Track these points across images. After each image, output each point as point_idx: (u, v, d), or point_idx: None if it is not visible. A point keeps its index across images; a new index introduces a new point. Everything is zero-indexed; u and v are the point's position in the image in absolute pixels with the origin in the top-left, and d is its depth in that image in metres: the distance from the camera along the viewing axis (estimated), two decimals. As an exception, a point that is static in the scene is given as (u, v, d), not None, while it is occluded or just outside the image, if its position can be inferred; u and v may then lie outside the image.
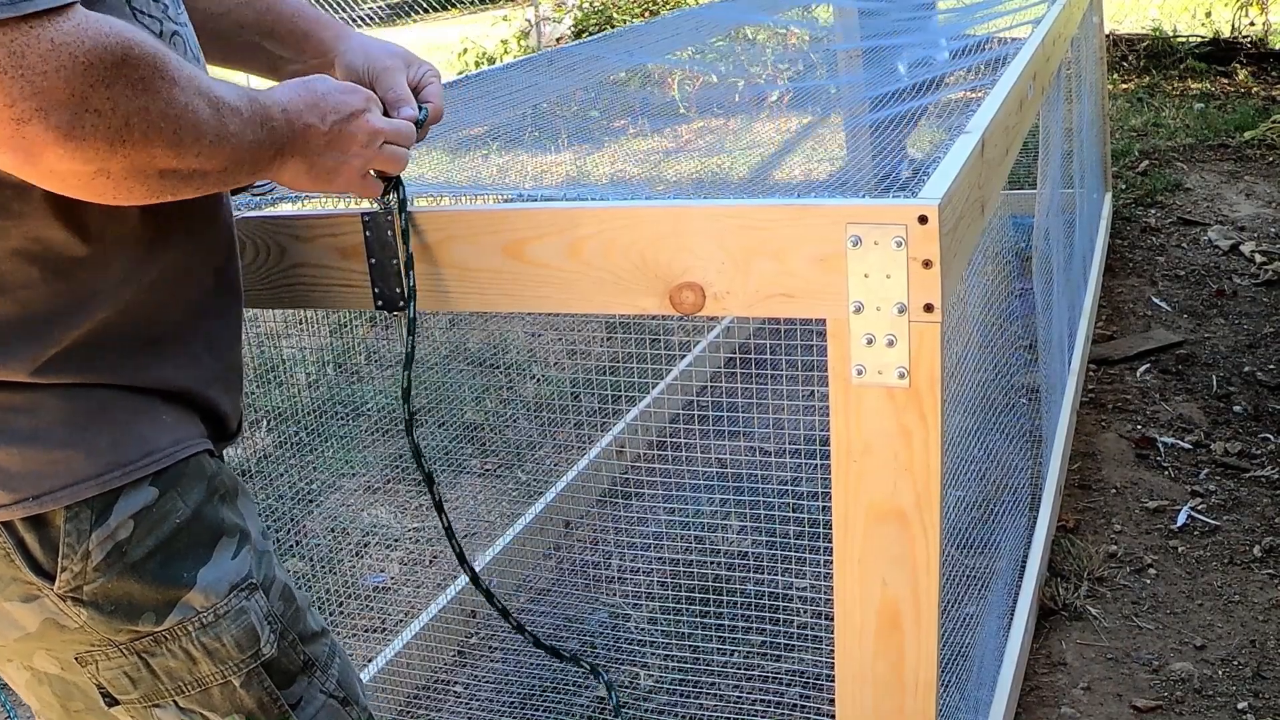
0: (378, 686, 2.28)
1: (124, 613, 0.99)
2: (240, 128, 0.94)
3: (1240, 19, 7.98)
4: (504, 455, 3.33)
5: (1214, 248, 4.55)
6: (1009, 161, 1.61)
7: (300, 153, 1.03)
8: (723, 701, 2.26)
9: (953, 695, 1.76)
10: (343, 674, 1.15)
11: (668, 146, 2.84)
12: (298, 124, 1.02)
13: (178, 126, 0.86)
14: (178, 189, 0.91)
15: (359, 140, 1.08)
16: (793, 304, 1.10)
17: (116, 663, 1.02)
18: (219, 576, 1.03)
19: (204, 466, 1.04)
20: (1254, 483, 2.92)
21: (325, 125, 1.05)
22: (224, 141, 0.91)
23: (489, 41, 10.16)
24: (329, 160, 1.07)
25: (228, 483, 1.07)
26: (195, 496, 1.02)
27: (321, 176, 1.07)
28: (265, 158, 0.99)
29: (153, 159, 0.86)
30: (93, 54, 0.79)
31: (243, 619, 1.04)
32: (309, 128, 1.03)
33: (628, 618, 2.54)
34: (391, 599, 2.72)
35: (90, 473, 0.97)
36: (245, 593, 1.04)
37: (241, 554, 1.05)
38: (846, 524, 1.12)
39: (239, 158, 0.95)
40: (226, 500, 1.06)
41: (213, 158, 0.91)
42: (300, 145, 1.03)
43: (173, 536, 1.00)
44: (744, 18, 3.60)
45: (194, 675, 1.03)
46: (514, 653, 2.47)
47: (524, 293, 1.19)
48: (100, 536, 0.97)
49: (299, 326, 4.10)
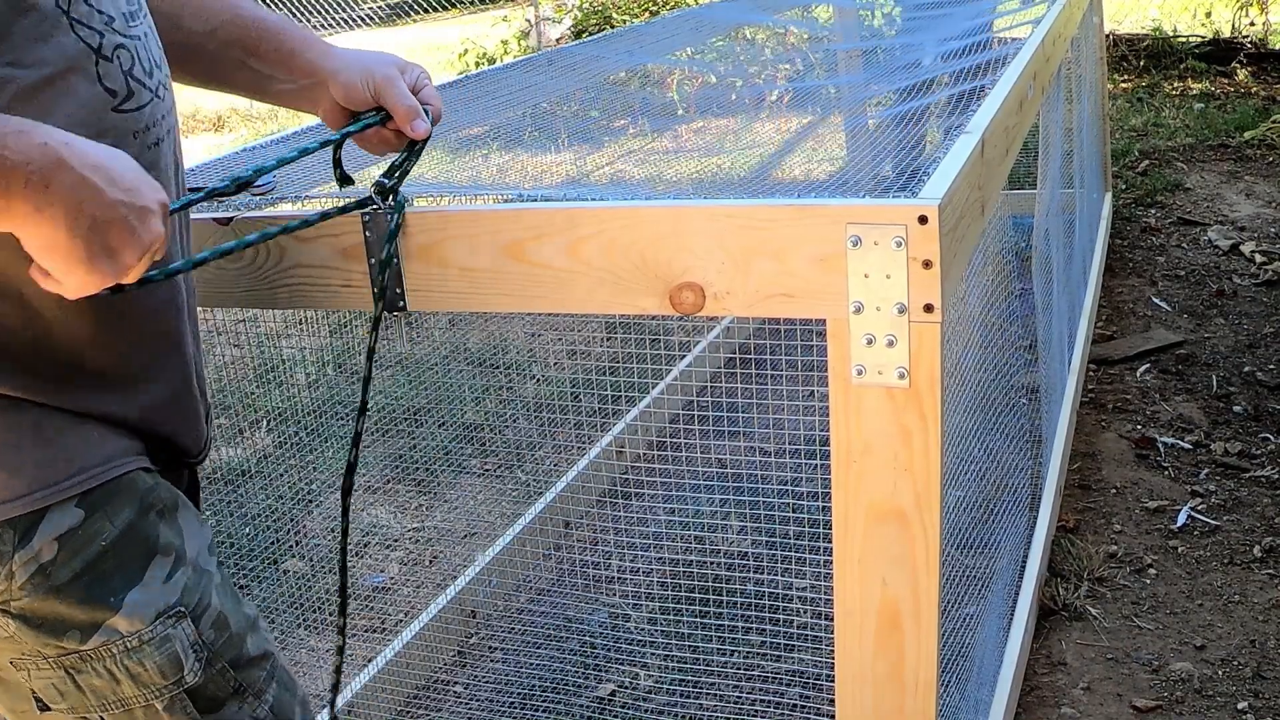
0: (378, 686, 2.28)
1: (50, 629, 0.99)
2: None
3: (1240, 19, 7.98)
4: (504, 455, 3.32)
5: (1214, 248, 4.55)
6: (1009, 161, 1.61)
7: (66, 206, 0.84)
8: (723, 701, 2.26)
9: (953, 695, 1.76)
10: (278, 700, 1.12)
11: (668, 146, 2.84)
12: (74, 169, 0.84)
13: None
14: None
15: (142, 242, 0.89)
16: (793, 304, 1.09)
17: (46, 674, 1.02)
18: (147, 601, 1.01)
19: (137, 484, 1.03)
20: (1254, 483, 2.92)
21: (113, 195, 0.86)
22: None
23: (489, 42, 10.16)
24: (100, 240, 0.86)
25: (165, 498, 1.06)
26: (126, 516, 1.01)
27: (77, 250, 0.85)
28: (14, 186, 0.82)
29: None
30: None
31: (167, 647, 1.03)
32: (85, 182, 0.85)
33: (627, 618, 2.54)
34: (391, 599, 2.72)
35: (15, 493, 0.96)
36: (172, 620, 1.03)
37: (175, 577, 1.04)
38: (846, 524, 1.12)
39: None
40: (165, 516, 1.05)
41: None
42: (63, 196, 0.83)
43: (99, 558, 1.00)
44: (744, 18, 3.60)
45: (117, 695, 1.03)
46: (514, 653, 2.47)
47: (524, 293, 1.19)
48: (24, 558, 0.97)
49: (299, 326, 4.10)
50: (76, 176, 0.84)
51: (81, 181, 0.84)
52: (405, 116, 1.20)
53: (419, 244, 1.22)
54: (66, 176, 0.83)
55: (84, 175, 0.84)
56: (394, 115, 1.21)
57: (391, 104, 1.20)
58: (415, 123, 1.20)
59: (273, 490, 3.21)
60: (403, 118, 1.20)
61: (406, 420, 3.46)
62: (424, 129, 1.21)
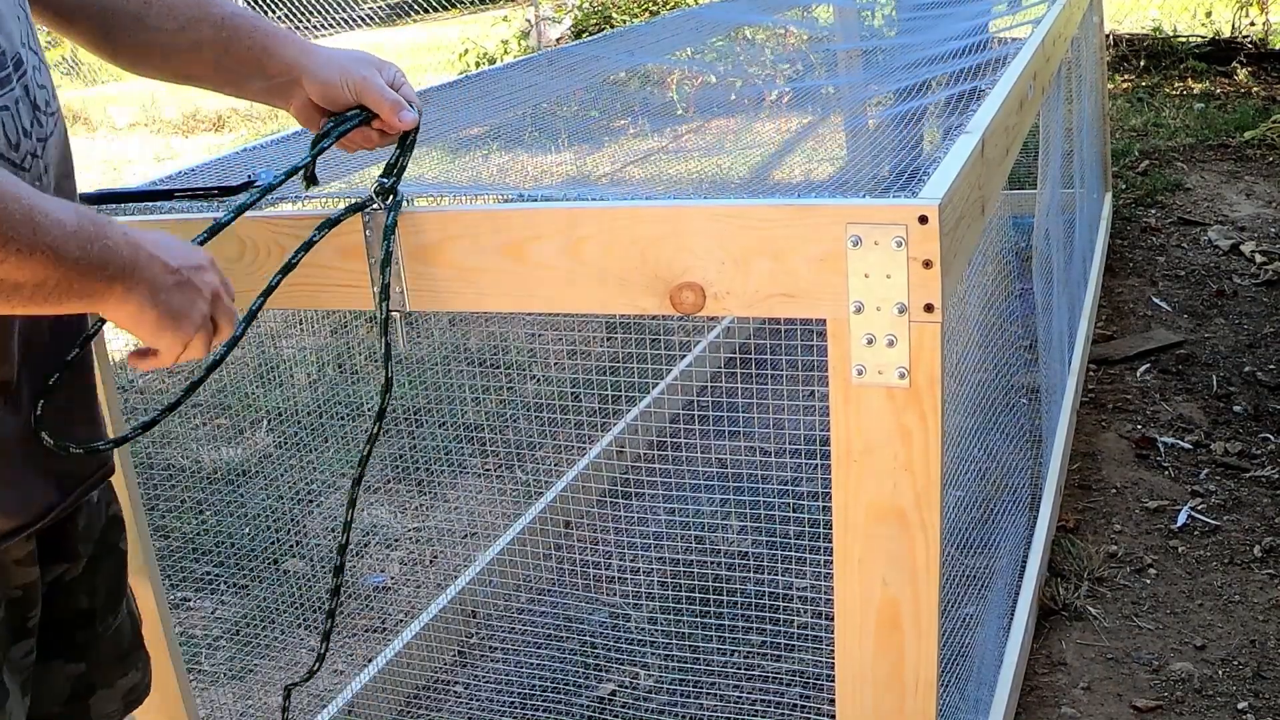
0: (378, 686, 2.28)
1: None
2: (63, 240, 0.90)
3: (1240, 19, 7.98)
4: (504, 455, 3.33)
5: (1214, 248, 4.55)
6: (1009, 161, 1.61)
7: (146, 282, 0.98)
8: (723, 701, 2.26)
9: (953, 695, 1.76)
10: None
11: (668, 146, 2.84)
12: (144, 253, 0.98)
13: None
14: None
15: (205, 293, 1.03)
16: (793, 304, 1.10)
17: None
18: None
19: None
20: (1254, 483, 2.92)
21: (174, 263, 1.00)
22: (38, 253, 0.88)
23: (489, 41, 10.16)
24: (176, 302, 1.01)
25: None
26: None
27: (164, 318, 1.00)
28: (100, 281, 0.94)
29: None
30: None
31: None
32: (155, 259, 0.99)
33: (628, 618, 2.54)
34: (391, 599, 2.72)
35: None
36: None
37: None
38: (846, 524, 1.12)
39: (63, 275, 0.91)
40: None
41: (22, 268, 0.88)
42: (147, 275, 0.98)
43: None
44: (744, 18, 3.60)
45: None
46: (514, 653, 2.47)
47: (524, 293, 1.19)
48: None
49: (299, 326, 4.10)
50: (147, 256, 0.98)
51: (151, 260, 0.99)
52: (391, 110, 1.20)
53: (419, 244, 1.22)
54: (143, 261, 0.98)
55: (153, 254, 0.99)
56: (379, 111, 1.21)
57: (374, 100, 1.20)
58: (402, 114, 1.20)
59: (273, 490, 3.21)
60: (388, 111, 1.20)
61: (406, 420, 3.46)
62: (411, 118, 1.21)
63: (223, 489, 3.17)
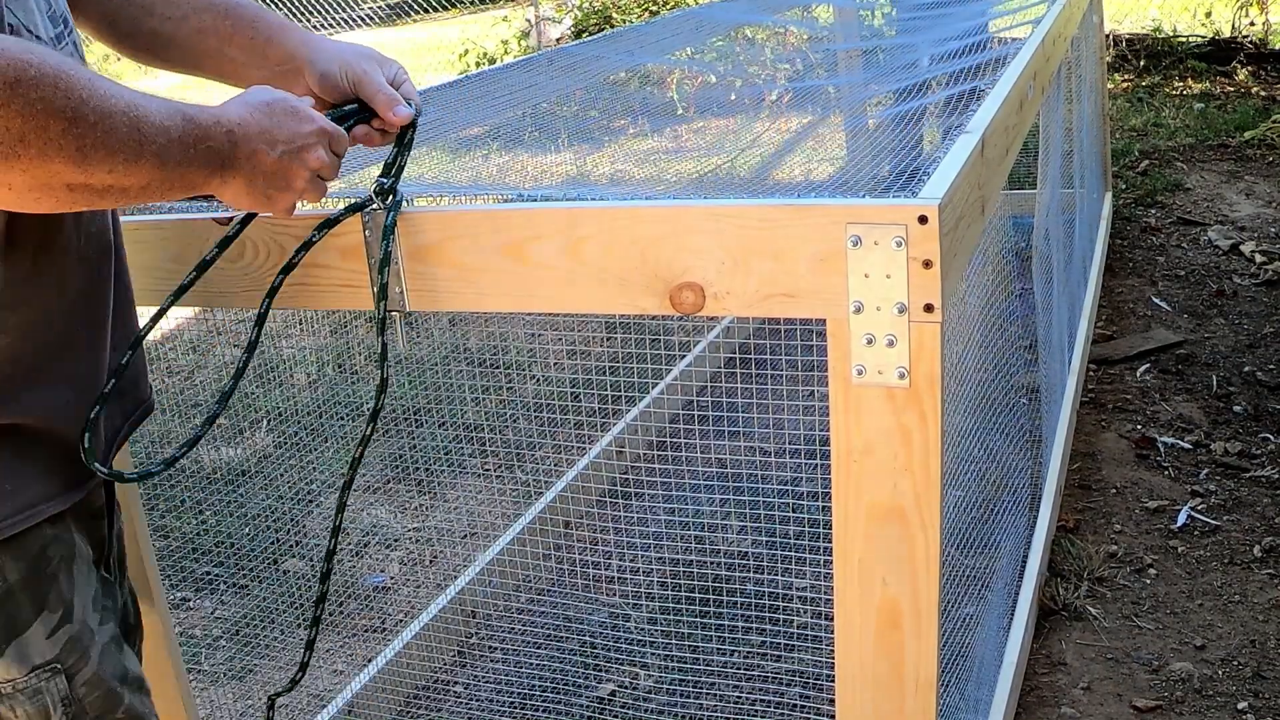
0: (378, 687, 2.28)
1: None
2: (166, 147, 0.94)
3: (1240, 19, 7.98)
4: (504, 455, 3.33)
5: (1214, 248, 4.55)
6: (1009, 161, 1.61)
7: (244, 175, 1.04)
8: (723, 701, 2.26)
9: (953, 695, 1.76)
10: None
11: (668, 146, 2.84)
12: (244, 148, 1.03)
13: (81, 144, 0.87)
14: (93, 201, 0.92)
15: (303, 175, 1.09)
16: (793, 304, 1.09)
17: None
18: (25, 655, 1.04)
19: (39, 538, 1.05)
20: (1254, 483, 2.92)
21: (274, 153, 1.06)
22: (143, 160, 0.92)
23: (489, 41, 10.16)
24: (271, 188, 1.07)
25: (62, 551, 1.07)
26: (21, 569, 1.03)
27: (259, 201, 1.08)
28: (200, 177, 1.00)
29: (55, 175, 0.87)
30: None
31: (38, 699, 1.05)
32: (256, 153, 1.04)
33: (628, 618, 2.54)
34: (391, 599, 2.72)
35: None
36: (48, 675, 1.05)
37: (58, 633, 1.06)
38: (846, 524, 1.12)
39: (166, 176, 0.95)
40: (59, 571, 1.06)
41: (130, 175, 0.92)
42: (245, 170, 1.04)
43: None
44: (744, 18, 3.60)
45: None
46: (514, 653, 2.47)
47: (524, 293, 1.19)
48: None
49: (299, 326, 4.10)
50: (247, 152, 1.03)
51: (251, 154, 1.04)
52: (385, 104, 1.20)
53: (419, 244, 1.21)
54: (243, 156, 1.03)
55: (254, 149, 1.03)
56: (373, 104, 1.21)
57: (370, 93, 1.21)
58: (396, 109, 1.20)
59: (273, 490, 3.21)
60: (383, 106, 1.20)
61: (406, 420, 3.46)
62: (405, 113, 1.21)
63: (223, 489, 3.17)
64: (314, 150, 1.09)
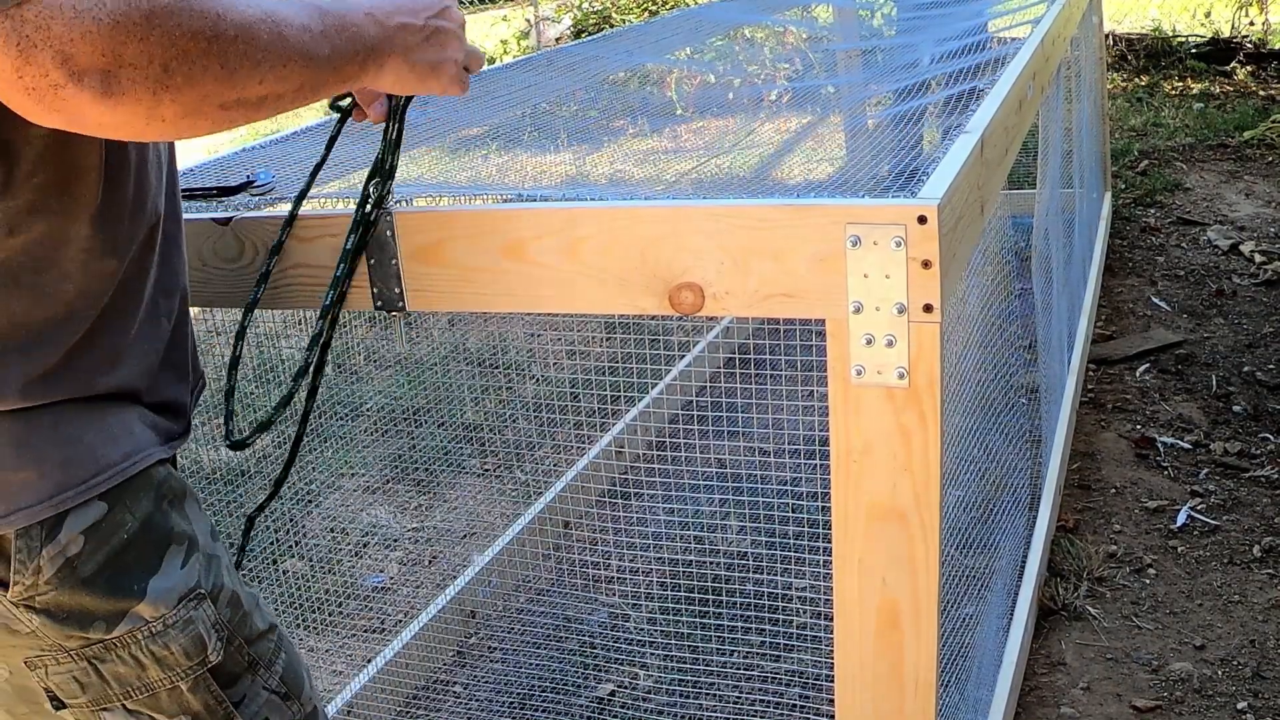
0: (377, 687, 2.28)
1: (75, 621, 1.00)
2: (311, 44, 0.92)
3: (1240, 19, 7.98)
4: (503, 455, 3.32)
5: (1213, 247, 4.55)
6: (1009, 161, 1.61)
7: (399, 51, 1.02)
8: (722, 701, 2.26)
9: (952, 695, 1.76)
10: (287, 669, 1.15)
11: (667, 146, 2.84)
12: (389, 24, 1.01)
13: (225, 60, 0.84)
14: (250, 115, 0.90)
15: (456, 35, 1.08)
16: (792, 304, 1.09)
17: (66, 667, 1.02)
18: (169, 587, 1.03)
19: (152, 476, 1.04)
20: (1254, 483, 2.92)
21: (420, 20, 1.04)
22: (291, 63, 0.89)
23: (489, 42, 10.16)
24: (430, 55, 1.06)
25: (175, 488, 1.07)
26: (144, 508, 1.02)
27: (424, 73, 1.06)
28: (353, 66, 0.98)
29: (206, 96, 0.84)
30: (116, 13, 0.78)
31: (190, 629, 1.04)
32: (404, 26, 1.02)
33: (627, 618, 2.54)
34: (390, 599, 2.72)
35: (43, 495, 0.97)
36: (194, 603, 1.05)
37: (190, 562, 1.05)
38: (846, 524, 1.12)
39: (317, 74, 0.93)
40: (175, 506, 1.06)
41: (282, 81, 0.89)
42: (398, 45, 1.02)
43: (122, 550, 1.01)
44: (743, 18, 3.60)
45: (142, 680, 1.04)
46: (513, 653, 2.47)
47: (524, 293, 1.19)
48: (51, 552, 0.97)
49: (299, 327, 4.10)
50: (395, 27, 1.01)
51: (399, 29, 1.02)
52: (366, 99, 1.20)
53: (419, 244, 1.21)
54: (392, 34, 1.01)
55: (400, 23, 1.02)
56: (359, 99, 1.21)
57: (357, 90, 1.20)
58: (374, 105, 1.20)
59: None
60: (365, 100, 1.20)
61: (406, 420, 3.46)
62: (380, 111, 1.20)
63: (222, 489, 3.16)
64: (453, 8, 1.08)
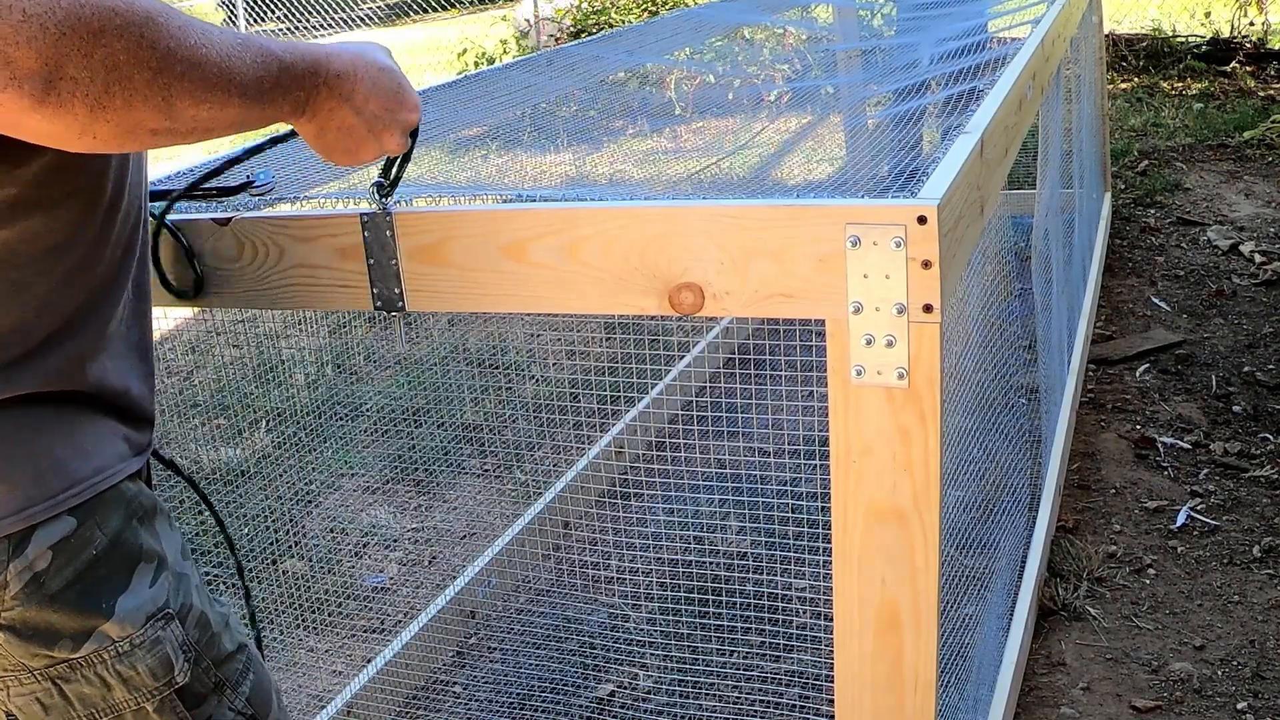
0: (376, 687, 2.28)
1: (41, 639, 0.99)
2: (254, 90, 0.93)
3: (1240, 19, 7.98)
4: (503, 455, 3.32)
5: (1213, 248, 4.55)
6: (1009, 161, 1.61)
7: (317, 125, 1.05)
8: (722, 701, 2.26)
9: (952, 695, 1.76)
10: (254, 690, 1.13)
11: (667, 146, 2.84)
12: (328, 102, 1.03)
13: (167, 93, 0.86)
14: (175, 142, 0.91)
15: (373, 150, 1.10)
16: (792, 304, 1.09)
17: (29, 688, 1.01)
18: (136, 606, 1.02)
19: (123, 492, 1.04)
20: (1253, 483, 2.92)
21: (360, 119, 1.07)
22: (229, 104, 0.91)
23: (489, 41, 10.16)
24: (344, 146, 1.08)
25: (145, 504, 1.06)
26: (114, 524, 1.02)
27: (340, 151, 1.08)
28: (282, 115, 1.00)
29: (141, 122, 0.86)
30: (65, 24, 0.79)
31: (158, 649, 1.03)
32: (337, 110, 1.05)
33: (627, 618, 2.54)
34: (390, 599, 2.72)
35: (11, 509, 0.96)
36: (161, 622, 1.04)
37: (159, 581, 1.04)
38: (845, 524, 1.12)
39: (247, 117, 0.95)
40: (145, 523, 1.05)
41: (214, 119, 0.91)
42: (322, 120, 1.04)
43: (90, 566, 1.00)
44: (743, 18, 3.60)
45: (108, 701, 1.03)
46: (513, 654, 2.47)
47: (524, 293, 1.19)
48: (18, 568, 0.97)
49: (298, 327, 4.10)
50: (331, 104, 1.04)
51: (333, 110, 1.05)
52: None
53: (419, 244, 1.21)
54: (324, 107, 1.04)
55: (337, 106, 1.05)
56: None
57: None
58: None
59: (272, 490, 3.21)
60: None
61: (406, 420, 3.46)
62: None
63: (222, 489, 3.16)
64: (395, 136, 1.11)
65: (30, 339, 0.98)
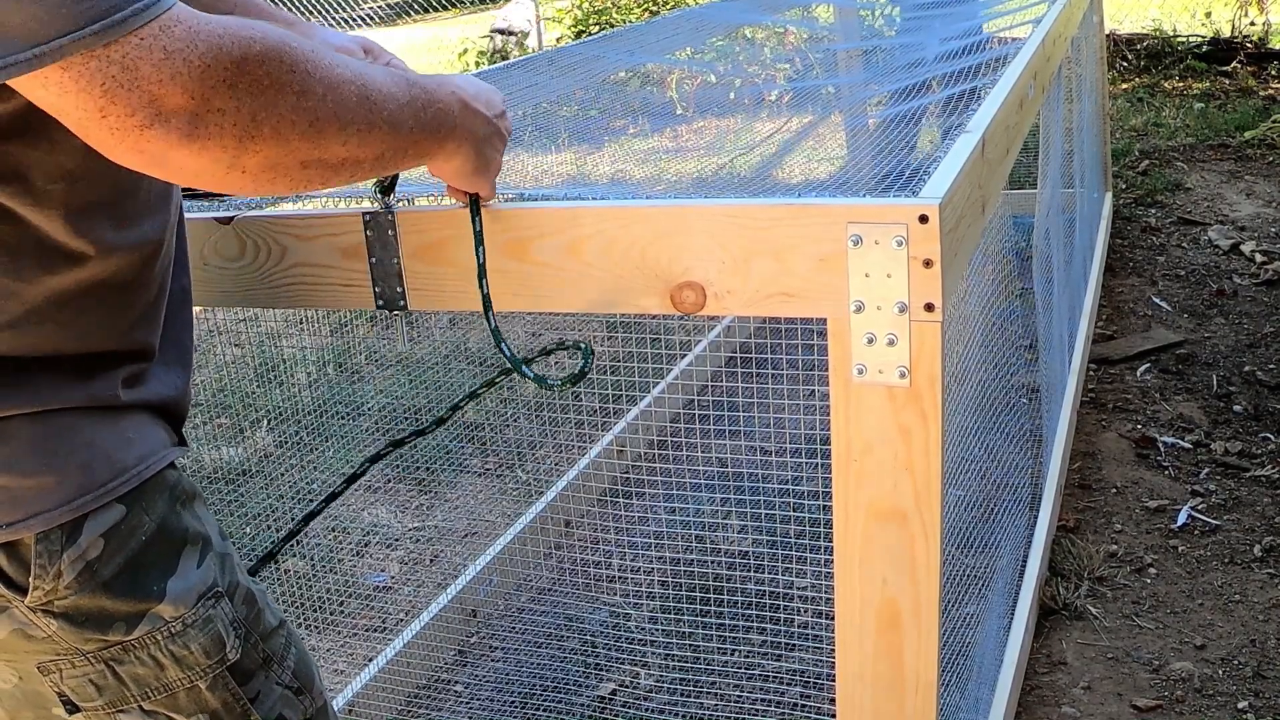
0: (378, 686, 2.28)
1: (94, 624, 1.00)
2: (397, 113, 0.94)
3: (1240, 19, 7.98)
4: (504, 455, 3.33)
5: (1214, 247, 4.55)
6: (1010, 161, 1.61)
7: (469, 139, 1.06)
8: (723, 701, 2.26)
9: (953, 694, 1.76)
10: (298, 663, 1.16)
11: (668, 146, 2.85)
12: (468, 109, 1.05)
13: (313, 118, 0.85)
14: (328, 179, 0.91)
15: (505, 140, 1.13)
16: (793, 303, 1.10)
17: (82, 670, 1.02)
18: (187, 586, 1.03)
19: (166, 478, 1.05)
20: (1254, 482, 2.92)
21: (490, 113, 1.09)
22: (376, 129, 0.91)
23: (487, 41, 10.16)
24: (489, 151, 1.10)
25: (187, 489, 1.08)
26: (160, 509, 1.03)
27: (481, 167, 1.10)
28: (432, 143, 1.01)
29: (290, 152, 0.85)
30: (207, 56, 0.78)
31: (210, 627, 1.05)
32: (477, 113, 1.06)
33: (628, 617, 2.54)
34: (392, 598, 2.72)
35: (62, 499, 0.97)
36: (212, 601, 1.05)
37: (206, 561, 1.06)
38: (847, 523, 1.12)
39: (399, 143, 0.95)
40: (187, 506, 1.07)
41: (364, 146, 0.91)
42: (469, 131, 1.05)
43: (141, 551, 1.01)
44: (743, 18, 3.60)
45: (161, 681, 1.04)
46: (515, 652, 2.47)
47: (525, 292, 1.19)
48: (71, 556, 0.98)
49: (299, 326, 4.10)
50: (471, 112, 1.06)
51: (475, 115, 1.07)
52: None
53: (419, 244, 1.22)
54: (469, 117, 1.06)
55: (475, 109, 1.07)
56: None
57: None
58: None
59: (273, 490, 3.21)
60: None
61: (406, 420, 3.46)
62: None
63: (223, 489, 3.17)
64: (507, 118, 1.13)
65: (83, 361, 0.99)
